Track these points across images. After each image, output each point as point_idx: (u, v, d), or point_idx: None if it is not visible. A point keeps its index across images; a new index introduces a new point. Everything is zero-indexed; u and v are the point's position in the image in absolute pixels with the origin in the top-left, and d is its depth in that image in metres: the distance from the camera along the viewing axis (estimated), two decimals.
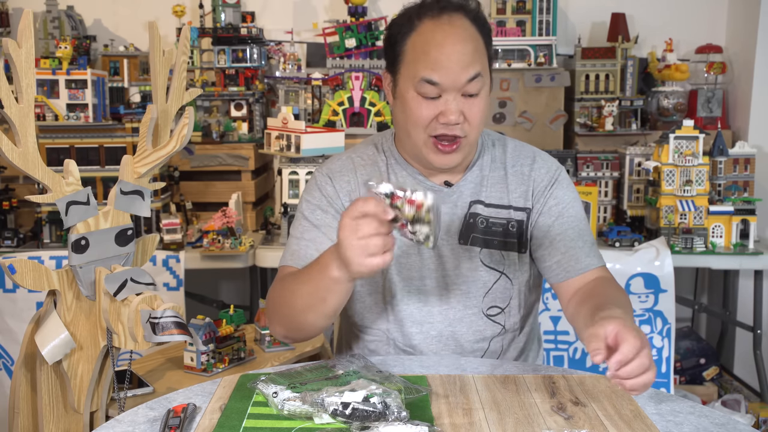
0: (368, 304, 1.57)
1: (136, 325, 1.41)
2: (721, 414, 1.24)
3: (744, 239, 2.90)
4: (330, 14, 3.50)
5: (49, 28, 3.26)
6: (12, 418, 1.61)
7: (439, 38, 1.42)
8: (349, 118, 3.15)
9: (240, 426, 1.17)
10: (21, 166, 1.43)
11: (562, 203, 1.55)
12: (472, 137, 1.47)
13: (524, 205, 1.56)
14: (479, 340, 1.56)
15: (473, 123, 1.45)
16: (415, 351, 1.56)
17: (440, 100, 1.43)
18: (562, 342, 2.83)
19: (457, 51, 1.41)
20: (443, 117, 1.42)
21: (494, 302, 1.56)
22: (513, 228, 1.54)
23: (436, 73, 1.41)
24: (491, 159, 1.58)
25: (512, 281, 1.56)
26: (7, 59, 1.40)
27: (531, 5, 3.28)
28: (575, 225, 1.54)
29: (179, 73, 1.66)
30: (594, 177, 3.12)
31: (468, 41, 1.43)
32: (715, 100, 3.34)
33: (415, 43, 1.44)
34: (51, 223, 2.86)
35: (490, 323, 1.56)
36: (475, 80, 1.42)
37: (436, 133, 1.44)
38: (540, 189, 1.56)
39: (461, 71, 1.41)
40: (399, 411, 1.14)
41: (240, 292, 3.58)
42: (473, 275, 1.54)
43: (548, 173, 1.57)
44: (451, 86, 1.42)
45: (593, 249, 1.54)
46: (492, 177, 1.57)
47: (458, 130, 1.44)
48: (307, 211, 1.55)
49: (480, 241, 1.54)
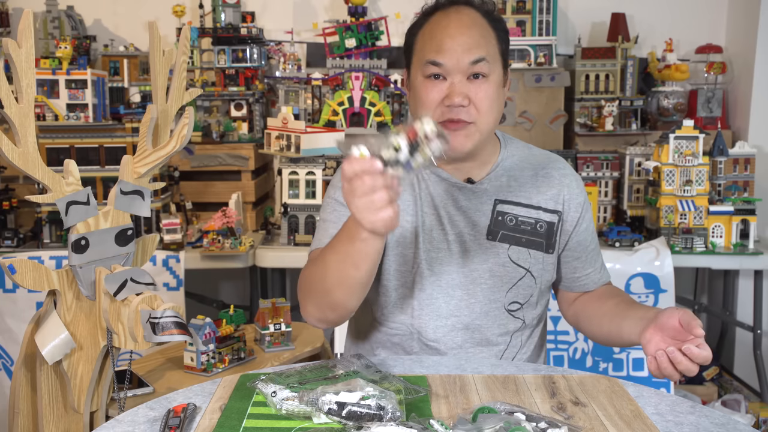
0: (394, 299, 1.58)
1: (136, 325, 1.41)
2: (721, 414, 1.24)
3: (744, 239, 2.90)
4: (330, 14, 3.50)
5: (49, 28, 3.26)
6: (12, 418, 1.61)
7: (444, 23, 1.48)
8: (349, 118, 3.15)
9: (240, 426, 1.17)
10: (21, 166, 1.43)
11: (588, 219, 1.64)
12: (482, 124, 1.48)
13: (555, 208, 1.59)
14: (503, 334, 1.58)
15: (481, 109, 1.47)
16: (440, 344, 1.57)
17: (446, 83, 1.46)
18: (562, 342, 2.83)
19: (462, 34, 1.45)
20: (448, 99, 1.45)
21: (516, 298, 1.58)
22: (541, 228, 1.58)
23: (440, 54, 1.45)
24: (519, 159, 1.62)
25: (536, 279, 1.58)
26: (7, 59, 1.40)
27: (531, 5, 3.28)
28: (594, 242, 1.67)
29: (179, 73, 1.66)
30: (594, 177, 3.12)
31: (474, 28, 1.47)
32: (715, 100, 3.34)
33: (425, 34, 1.51)
34: (51, 223, 2.86)
35: (512, 318, 1.59)
36: (479, 63, 1.45)
37: (444, 118, 1.46)
38: (574, 200, 1.61)
39: (464, 53, 1.45)
40: (394, 412, 1.14)
41: (240, 292, 3.58)
42: (500, 270, 1.56)
43: (579, 186, 1.63)
44: (455, 68, 1.45)
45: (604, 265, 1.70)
46: (522, 177, 1.60)
47: (464, 114, 1.46)
48: (341, 197, 1.53)
49: (509, 238, 1.57)
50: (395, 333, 1.60)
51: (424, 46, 1.49)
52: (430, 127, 1.13)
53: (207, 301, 3.19)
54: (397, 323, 1.59)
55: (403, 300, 1.58)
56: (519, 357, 1.61)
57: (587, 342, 2.82)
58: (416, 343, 1.58)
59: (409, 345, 1.59)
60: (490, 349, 1.58)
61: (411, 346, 1.58)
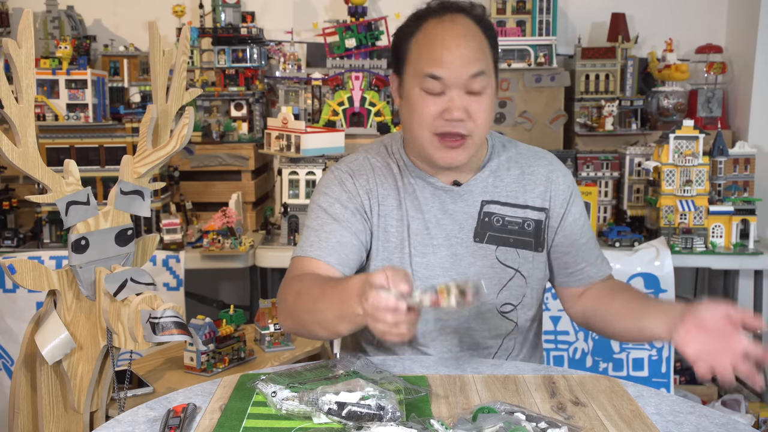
0: None
1: (136, 325, 1.41)
2: (721, 414, 1.24)
3: (744, 239, 2.90)
4: (330, 14, 3.50)
5: (49, 28, 3.26)
6: (12, 418, 1.61)
7: (441, 36, 1.44)
8: (349, 118, 3.15)
9: (240, 426, 1.17)
10: (21, 166, 1.43)
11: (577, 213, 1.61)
12: (477, 137, 1.48)
13: (542, 206, 1.58)
14: (494, 337, 1.58)
15: (478, 122, 1.46)
16: (430, 349, 1.57)
17: (444, 97, 1.44)
18: (562, 342, 2.83)
19: (460, 46, 1.43)
20: (447, 113, 1.44)
21: (508, 299, 1.57)
22: (529, 227, 1.57)
23: (439, 68, 1.43)
24: (506, 159, 1.60)
25: (526, 279, 1.57)
26: (7, 59, 1.40)
27: (531, 5, 3.28)
28: (589, 236, 1.63)
29: (179, 73, 1.66)
30: (594, 177, 3.12)
31: (471, 39, 1.45)
32: (715, 100, 3.34)
33: (419, 42, 1.47)
34: (51, 223, 2.86)
35: (504, 320, 1.58)
36: (478, 77, 1.44)
37: (441, 131, 1.45)
38: (559, 195, 1.59)
39: (464, 67, 1.43)
40: (394, 412, 1.14)
41: (240, 292, 3.58)
42: (489, 272, 1.55)
43: (565, 181, 1.61)
44: (455, 82, 1.43)
45: (602, 255, 1.65)
46: (508, 176, 1.58)
47: (462, 127, 1.45)
48: (325, 204, 1.55)
49: (496, 239, 1.55)
50: None
51: (420, 57, 1.46)
52: (455, 301, 1.17)
53: (207, 301, 3.19)
54: None
55: None
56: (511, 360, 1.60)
57: (587, 342, 2.82)
58: (408, 347, 1.58)
59: (400, 349, 1.59)
60: (480, 353, 1.58)
61: (402, 350, 1.59)
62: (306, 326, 1.40)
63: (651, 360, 2.81)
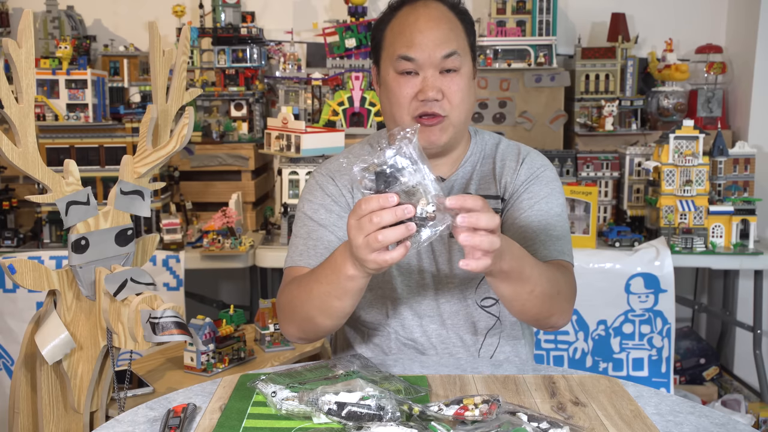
0: (369, 299, 1.59)
1: (136, 325, 1.41)
2: (721, 414, 1.24)
3: (744, 239, 2.90)
4: (330, 14, 3.50)
5: (49, 28, 3.26)
6: (12, 418, 1.61)
7: (414, 19, 1.48)
8: (349, 118, 3.15)
9: (240, 426, 1.17)
10: (21, 166, 1.43)
11: (536, 197, 1.54)
12: (455, 118, 1.49)
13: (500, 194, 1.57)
14: (476, 333, 1.58)
15: (453, 102, 1.47)
16: (417, 344, 1.57)
17: (418, 78, 1.47)
18: (562, 342, 2.83)
19: (432, 29, 1.46)
20: (422, 94, 1.45)
21: (488, 293, 1.57)
22: None
23: (411, 49, 1.46)
24: (483, 155, 1.61)
25: None
26: (7, 59, 1.40)
27: (531, 5, 3.28)
28: (542, 218, 1.53)
29: (179, 73, 1.66)
30: (594, 177, 3.12)
31: (444, 22, 1.48)
32: (715, 100, 3.34)
33: (394, 29, 1.51)
34: (51, 223, 2.86)
35: (485, 315, 1.58)
36: (451, 57, 1.46)
37: (418, 112, 1.47)
38: (518, 183, 1.56)
39: (436, 47, 1.45)
40: (394, 412, 1.14)
41: (240, 292, 3.58)
42: None
43: (530, 169, 1.57)
44: (427, 62, 1.46)
45: (557, 243, 1.52)
46: (481, 171, 1.59)
47: (438, 107, 1.46)
48: (309, 211, 1.56)
49: None
50: (375, 334, 1.61)
51: (394, 42, 1.49)
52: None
53: (207, 301, 3.19)
54: (376, 324, 1.60)
55: (377, 302, 1.59)
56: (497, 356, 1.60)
57: (587, 342, 2.82)
58: (394, 344, 1.59)
59: (387, 345, 1.60)
60: (467, 349, 1.58)
61: (389, 347, 1.59)
62: (308, 321, 1.41)
63: (651, 360, 2.81)
